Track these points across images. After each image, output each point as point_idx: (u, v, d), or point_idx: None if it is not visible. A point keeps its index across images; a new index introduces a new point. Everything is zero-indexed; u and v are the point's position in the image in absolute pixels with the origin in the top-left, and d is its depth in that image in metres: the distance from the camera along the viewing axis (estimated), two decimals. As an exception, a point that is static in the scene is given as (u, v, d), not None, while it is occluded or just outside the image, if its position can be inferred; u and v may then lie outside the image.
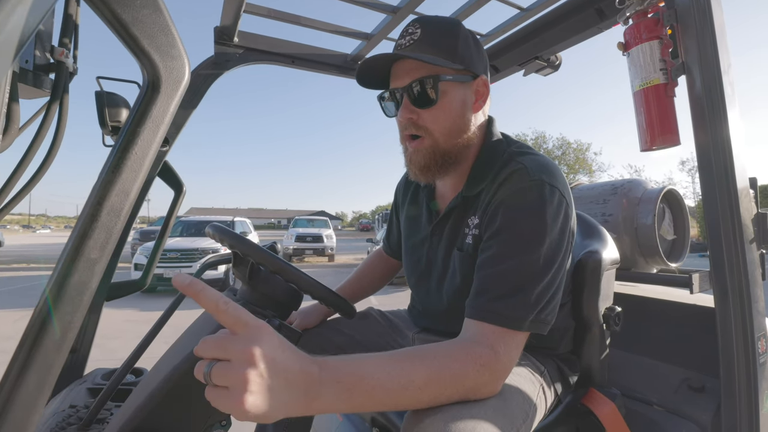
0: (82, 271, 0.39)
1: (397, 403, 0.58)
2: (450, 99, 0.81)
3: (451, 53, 0.81)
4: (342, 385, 0.52)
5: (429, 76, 0.79)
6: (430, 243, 0.96)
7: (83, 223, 0.40)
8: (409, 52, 0.80)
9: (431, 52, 0.79)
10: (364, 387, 0.54)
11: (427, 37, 0.80)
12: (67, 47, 0.91)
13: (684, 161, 30.02)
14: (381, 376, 0.56)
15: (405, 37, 0.82)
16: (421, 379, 0.58)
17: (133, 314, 5.74)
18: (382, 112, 0.93)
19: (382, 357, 0.59)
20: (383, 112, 0.92)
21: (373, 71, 0.86)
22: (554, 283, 0.72)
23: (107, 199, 0.41)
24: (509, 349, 0.66)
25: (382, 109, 0.92)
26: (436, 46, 0.80)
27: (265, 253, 0.73)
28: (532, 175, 0.75)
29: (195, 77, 1.37)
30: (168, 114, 0.42)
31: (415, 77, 0.80)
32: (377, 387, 0.55)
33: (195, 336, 0.76)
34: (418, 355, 0.61)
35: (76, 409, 0.93)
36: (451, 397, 0.62)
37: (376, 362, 0.57)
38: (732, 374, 0.87)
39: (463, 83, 0.82)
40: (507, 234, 0.73)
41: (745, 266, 0.89)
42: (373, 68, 0.85)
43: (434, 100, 0.80)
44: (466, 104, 0.83)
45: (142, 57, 0.40)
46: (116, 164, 0.40)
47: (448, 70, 0.80)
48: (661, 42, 1.05)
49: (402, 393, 0.57)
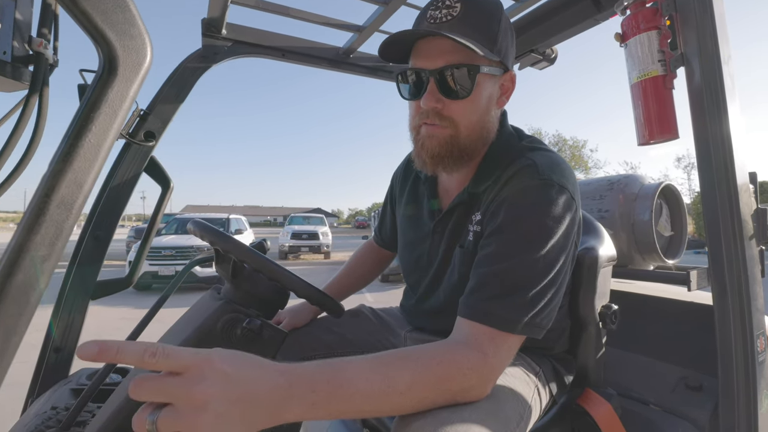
0: (27, 269, 0.35)
1: (379, 410, 0.55)
2: (481, 92, 0.74)
3: (492, 40, 0.72)
4: (317, 394, 0.50)
5: (466, 65, 0.70)
6: (432, 240, 0.91)
7: (29, 218, 0.36)
8: (450, 32, 0.68)
9: (473, 36, 0.69)
10: (341, 395, 0.51)
11: (468, 16, 0.70)
12: (47, 38, 0.88)
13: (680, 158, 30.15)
14: (359, 382, 0.53)
15: (440, 9, 0.71)
16: (403, 384, 0.55)
17: (128, 312, 5.72)
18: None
19: (362, 361, 0.56)
20: (399, 93, 0.81)
21: (396, 42, 0.75)
22: (553, 287, 0.67)
23: (57, 190, 0.37)
24: (499, 351, 0.63)
25: (398, 88, 0.81)
26: (479, 29, 0.70)
27: (246, 249, 0.70)
28: (541, 173, 0.70)
29: (183, 71, 1.33)
30: (128, 99, 0.39)
31: (450, 62, 0.70)
32: (356, 394, 0.52)
33: (176, 337, 0.73)
34: (400, 358, 0.58)
35: (57, 411, 0.90)
36: (435, 401, 0.59)
37: (355, 367, 0.54)
38: (730, 373, 0.85)
39: (494, 76, 0.75)
40: (509, 232, 0.68)
41: (745, 263, 0.87)
42: (397, 40, 0.74)
43: (468, 92, 0.72)
44: (492, 99, 0.77)
45: (96, 35, 0.37)
46: (67, 152, 0.37)
47: (488, 60, 0.71)
48: (659, 32, 1.02)
49: (383, 399, 0.54)
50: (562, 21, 1.33)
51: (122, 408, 0.67)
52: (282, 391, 0.47)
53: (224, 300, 0.73)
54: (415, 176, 1.02)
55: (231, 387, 0.43)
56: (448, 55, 0.70)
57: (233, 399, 0.43)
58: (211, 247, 0.76)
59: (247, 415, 0.44)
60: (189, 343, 0.68)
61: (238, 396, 0.44)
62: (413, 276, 1.00)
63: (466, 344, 0.62)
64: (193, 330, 0.70)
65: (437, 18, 0.71)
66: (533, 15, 1.40)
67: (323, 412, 0.50)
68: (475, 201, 0.81)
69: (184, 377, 0.42)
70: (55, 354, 1.21)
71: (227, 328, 0.68)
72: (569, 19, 1.31)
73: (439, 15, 0.71)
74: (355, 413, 0.53)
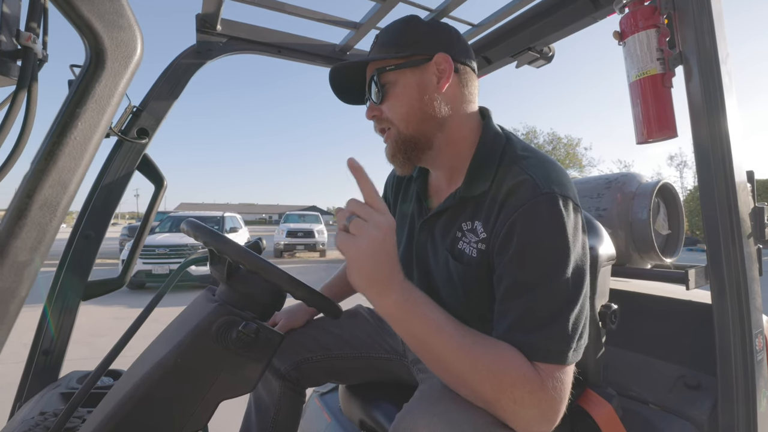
0: (7, 276, 0.33)
1: (432, 361, 0.63)
2: (402, 86, 0.80)
3: (398, 44, 0.81)
4: (411, 314, 0.62)
5: (376, 72, 0.80)
6: (418, 239, 0.91)
7: (9, 220, 0.34)
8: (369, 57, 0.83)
9: (380, 51, 0.82)
10: (422, 329, 0.61)
11: (379, 41, 0.84)
12: (35, 32, 0.85)
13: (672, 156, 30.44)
14: (441, 319, 0.62)
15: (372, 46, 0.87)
16: (467, 344, 0.61)
17: (121, 311, 5.65)
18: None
19: (454, 325, 0.63)
20: None
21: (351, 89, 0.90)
22: (584, 300, 0.66)
23: (39, 191, 0.35)
24: (558, 385, 0.60)
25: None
26: (385, 44, 0.82)
27: (242, 250, 0.68)
28: (542, 186, 0.68)
29: (176, 67, 1.31)
30: (116, 94, 0.37)
31: (368, 76, 0.83)
32: (431, 337, 0.61)
33: (170, 340, 0.71)
34: (481, 344, 0.62)
35: (45, 417, 0.87)
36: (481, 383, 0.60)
37: (446, 324, 0.62)
38: (729, 372, 0.85)
39: (415, 68, 0.79)
40: (530, 258, 0.66)
41: (743, 261, 0.87)
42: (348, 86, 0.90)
43: (384, 92, 0.81)
44: (425, 86, 0.79)
45: (81, 25, 0.35)
46: (51, 151, 0.35)
47: (391, 60, 0.80)
48: (658, 31, 1.01)
49: (444, 361, 0.62)
50: (559, 19, 1.33)
51: (116, 413, 0.66)
52: (395, 275, 0.62)
53: (219, 302, 0.71)
54: (408, 178, 1.01)
55: (386, 252, 0.60)
56: (368, 73, 0.84)
57: (387, 251, 0.60)
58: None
59: (379, 268, 0.60)
60: (184, 346, 0.67)
61: (388, 252, 0.60)
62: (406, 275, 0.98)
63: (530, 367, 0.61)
64: (187, 333, 0.68)
65: (369, 52, 0.87)
66: (531, 13, 1.39)
67: (402, 328, 0.63)
68: (466, 206, 0.80)
69: (381, 213, 0.61)
70: (44, 356, 1.18)
71: (222, 332, 0.67)
72: (567, 17, 1.31)
73: (370, 50, 0.88)
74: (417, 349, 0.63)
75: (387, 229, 0.60)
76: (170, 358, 0.66)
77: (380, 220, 0.60)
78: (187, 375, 0.67)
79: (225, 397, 0.70)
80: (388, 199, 1.12)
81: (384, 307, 0.62)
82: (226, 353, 0.68)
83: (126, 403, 0.66)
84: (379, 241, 0.59)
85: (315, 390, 1.46)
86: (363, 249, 0.59)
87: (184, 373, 0.67)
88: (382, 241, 0.59)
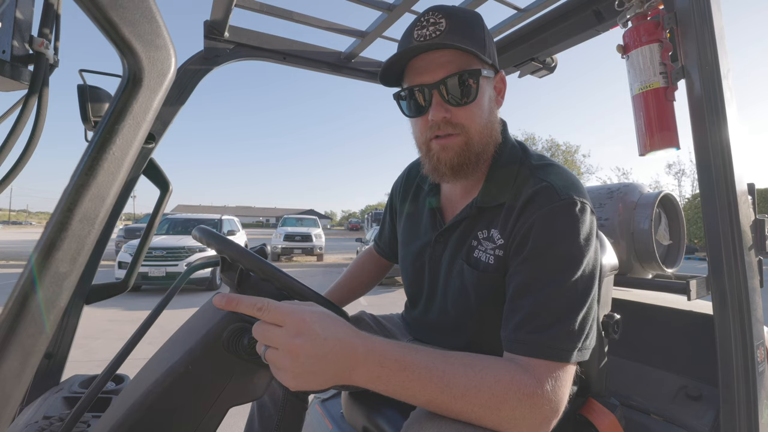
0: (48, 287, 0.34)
1: (429, 402, 0.58)
2: (483, 94, 0.76)
3: (482, 45, 0.74)
4: (383, 369, 0.56)
5: (467, 71, 0.72)
6: (433, 251, 0.90)
7: (51, 233, 0.35)
8: (443, 42, 0.72)
9: (465, 44, 0.72)
10: (403, 378, 0.56)
11: (455, 28, 0.73)
12: (47, 38, 0.86)
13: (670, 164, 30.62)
14: (422, 372, 0.56)
15: (427, 27, 0.74)
16: (458, 390, 0.57)
17: (116, 314, 5.61)
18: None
19: (431, 355, 0.59)
20: (402, 111, 0.83)
21: (390, 66, 0.78)
22: (592, 304, 0.66)
23: (80, 205, 0.36)
24: (559, 384, 0.60)
25: (400, 107, 0.83)
26: (468, 37, 0.73)
27: (256, 259, 0.69)
28: (561, 193, 0.70)
29: (184, 72, 1.32)
30: (151, 110, 0.38)
31: (451, 71, 0.72)
32: (415, 381, 0.56)
33: (179, 347, 0.72)
34: (464, 364, 0.59)
35: (50, 421, 0.87)
36: (482, 418, 0.57)
37: (423, 358, 0.58)
38: (731, 383, 0.86)
39: (490, 78, 0.78)
40: (544, 259, 0.67)
41: (744, 273, 0.88)
42: (391, 63, 0.77)
43: (474, 96, 0.73)
44: (492, 100, 0.79)
45: (123, 46, 0.36)
46: (91, 165, 0.36)
47: (484, 63, 0.74)
48: (661, 45, 1.03)
49: (436, 395, 0.57)
50: (563, 31, 1.35)
51: (126, 420, 0.66)
52: (358, 357, 0.55)
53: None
54: (417, 187, 1.02)
55: (318, 346, 0.53)
56: (446, 66, 0.73)
57: (319, 356, 0.53)
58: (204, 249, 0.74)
59: (326, 370, 0.54)
60: (195, 352, 0.67)
61: (323, 354, 0.53)
62: (416, 287, 0.99)
63: (524, 370, 0.61)
64: (198, 339, 0.68)
65: (425, 35, 0.73)
66: (535, 24, 1.41)
67: (384, 386, 0.56)
68: (484, 216, 0.80)
69: (285, 329, 0.53)
70: (46, 360, 1.18)
71: (234, 338, 0.67)
72: (570, 29, 1.33)
73: (426, 33, 0.73)
74: (408, 397, 0.57)
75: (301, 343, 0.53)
76: (181, 365, 0.67)
77: (288, 339, 0.53)
78: (198, 382, 0.67)
79: (234, 404, 0.70)
80: (395, 205, 1.12)
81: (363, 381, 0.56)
82: (237, 360, 0.68)
83: (137, 410, 0.66)
84: (302, 362, 0.52)
85: (316, 396, 1.46)
86: (297, 382, 0.53)
87: (195, 380, 0.67)
88: (307, 357, 0.53)
